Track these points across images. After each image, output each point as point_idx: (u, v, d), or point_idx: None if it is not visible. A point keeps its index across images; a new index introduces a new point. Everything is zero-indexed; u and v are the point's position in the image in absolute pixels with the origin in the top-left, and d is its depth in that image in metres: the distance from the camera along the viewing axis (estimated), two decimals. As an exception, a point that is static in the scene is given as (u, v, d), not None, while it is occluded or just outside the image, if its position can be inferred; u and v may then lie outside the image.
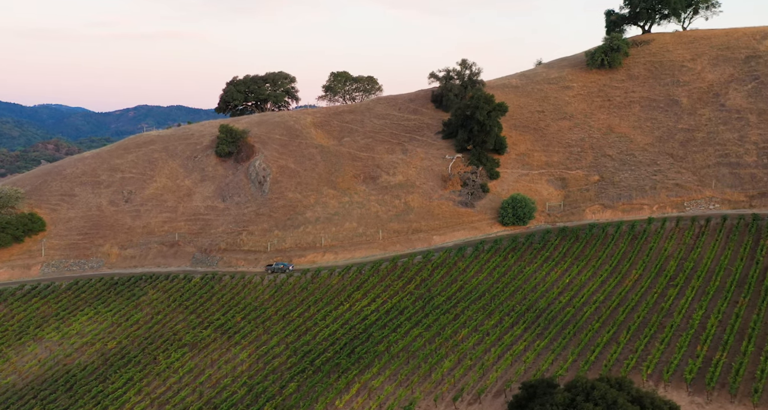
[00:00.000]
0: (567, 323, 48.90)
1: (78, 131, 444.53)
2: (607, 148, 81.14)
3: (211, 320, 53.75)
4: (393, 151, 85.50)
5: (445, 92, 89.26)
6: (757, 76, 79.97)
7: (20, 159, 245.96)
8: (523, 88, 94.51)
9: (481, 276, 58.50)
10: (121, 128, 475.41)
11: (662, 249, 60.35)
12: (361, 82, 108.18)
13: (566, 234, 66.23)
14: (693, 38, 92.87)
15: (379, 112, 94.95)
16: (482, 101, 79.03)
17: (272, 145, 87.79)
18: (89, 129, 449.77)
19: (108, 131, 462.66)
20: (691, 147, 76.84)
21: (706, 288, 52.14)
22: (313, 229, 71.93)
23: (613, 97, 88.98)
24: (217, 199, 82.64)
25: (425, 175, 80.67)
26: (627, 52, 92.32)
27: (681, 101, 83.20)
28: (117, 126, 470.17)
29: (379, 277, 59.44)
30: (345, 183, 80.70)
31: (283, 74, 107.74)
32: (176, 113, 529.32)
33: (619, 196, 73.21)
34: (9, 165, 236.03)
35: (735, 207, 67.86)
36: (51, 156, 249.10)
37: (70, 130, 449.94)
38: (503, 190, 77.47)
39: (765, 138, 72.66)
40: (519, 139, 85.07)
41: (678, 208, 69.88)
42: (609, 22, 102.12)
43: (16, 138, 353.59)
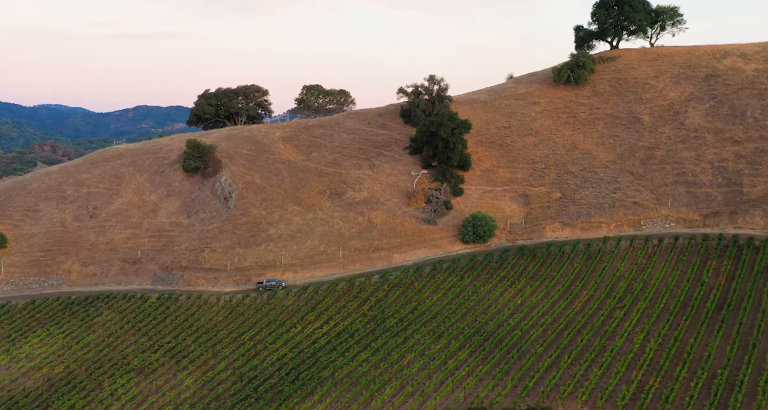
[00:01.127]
0: (512, 347, 49.43)
1: (77, 132, 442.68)
2: (570, 164, 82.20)
3: (161, 343, 53.63)
4: (360, 167, 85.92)
5: (413, 108, 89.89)
6: (716, 95, 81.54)
7: (16, 161, 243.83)
8: (491, 104, 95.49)
9: (436, 297, 58.96)
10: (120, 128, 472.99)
11: (615, 269, 61.25)
12: (333, 96, 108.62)
13: (524, 252, 66.96)
14: (657, 55, 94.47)
15: (348, 126, 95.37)
16: (446, 118, 79.76)
17: (239, 160, 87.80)
18: (89, 129, 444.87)
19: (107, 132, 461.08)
20: (651, 165, 78.08)
21: (651, 310, 53.01)
22: (274, 247, 72.01)
23: (579, 113, 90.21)
24: (182, 215, 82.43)
25: (390, 191, 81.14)
26: (593, 68, 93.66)
27: (643, 119, 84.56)
28: (116, 126, 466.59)
29: (335, 298, 59.67)
30: (310, 199, 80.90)
31: (255, 87, 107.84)
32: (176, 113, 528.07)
33: (579, 213, 74.17)
34: (5, 167, 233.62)
35: (689, 226, 69.04)
36: (47, 158, 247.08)
37: (69, 131, 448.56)
38: (467, 206, 78.11)
39: (720, 157, 74.06)
40: (485, 155, 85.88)
41: (635, 227, 70.95)
42: (577, 38, 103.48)
43: (14, 139, 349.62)
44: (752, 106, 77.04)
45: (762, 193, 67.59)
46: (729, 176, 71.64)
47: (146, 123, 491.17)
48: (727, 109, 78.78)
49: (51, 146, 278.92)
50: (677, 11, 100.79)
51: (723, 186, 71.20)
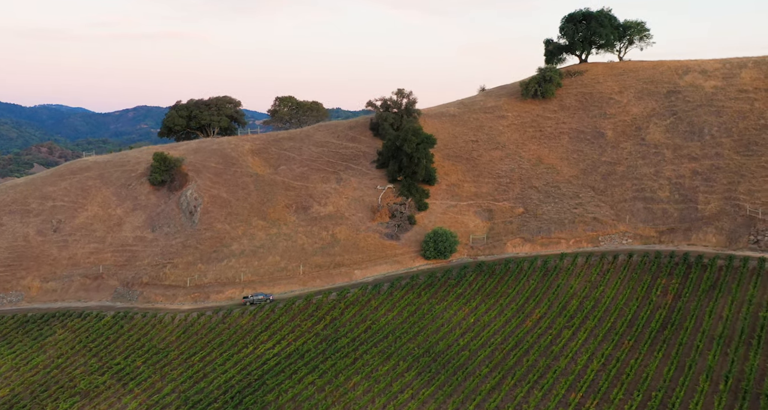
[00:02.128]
0: (458, 368, 49.82)
1: (77, 132, 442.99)
2: (534, 179, 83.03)
3: (111, 364, 53.36)
4: (328, 180, 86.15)
5: (381, 121, 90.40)
6: (676, 111, 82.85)
7: (13, 162, 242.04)
8: (460, 117, 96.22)
9: (391, 316, 59.25)
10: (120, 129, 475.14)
11: (569, 286, 61.94)
12: (305, 107, 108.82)
13: (483, 269, 67.49)
14: (623, 70, 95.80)
15: (318, 139, 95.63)
16: (410, 133, 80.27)
17: (206, 173, 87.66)
18: (88, 130, 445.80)
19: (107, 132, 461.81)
20: (612, 180, 79.09)
21: (598, 330, 53.68)
22: (236, 263, 71.95)
23: (545, 127, 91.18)
24: (147, 230, 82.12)
25: (356, 205, 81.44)
26: (560, 82, 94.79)
27: (606, 134, 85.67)
28: (116, 127, 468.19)
29: (290, 316, 59.76)
30: (276, 213, 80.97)
31: (228, 99, 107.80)
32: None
33: (539, 229, 74.91)
34: (1, 168, 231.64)
35: (646, 242, 70.02)
36: (44, 159, 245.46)
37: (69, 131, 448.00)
38: (430, 221, 78.60)
39: (678, 173, 75.22)
40: (451, 169, 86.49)
41: (593, 243, 71.80)
42: (547, 51, 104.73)
43: (13, 139, 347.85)
44: (710, 123, 78.39)
45: (715, 210, 68.75)
46: (685, 193, 72.78)
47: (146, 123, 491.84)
48: (686, 126, 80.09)
49: (48, 147, 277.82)
50: (644, 26, 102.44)
51: (679, 202, 72.32)
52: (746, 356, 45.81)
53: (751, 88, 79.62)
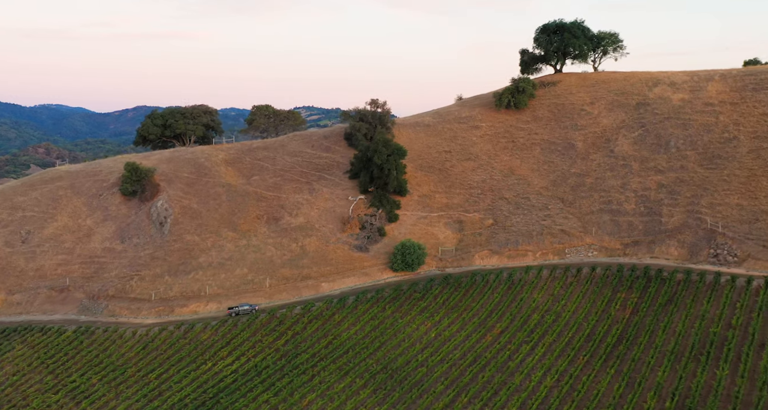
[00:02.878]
0: (414, 385, 49.95)
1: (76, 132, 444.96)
2: (505, 190, 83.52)
3: (66, 382, 52.92)
4: (300, 191, 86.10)
5: (354, 131, 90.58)
6: (644, 123, 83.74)
7: (9, 163, 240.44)
8: (434, 127, 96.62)
9: (353, 330, 59.29)
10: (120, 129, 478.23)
11: (532, 300, 62.33)
12: (282, 116, 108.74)
13: (449, 281, 67.73)
14: (595, 81, 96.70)
15: (292, 148, 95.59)
16: (381, 145, 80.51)
17: (178, 183, 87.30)
18: (88, 130, 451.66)
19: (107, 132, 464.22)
20: (580, 192, 79.74)
21: (556, 345, 54.06)
22: (203, 276, 71.66)
23: (518, 138, 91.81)
24: (116, 241, 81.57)
25: (326, 216, 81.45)
26: (533, 93, 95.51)
27: (577, 145, 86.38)
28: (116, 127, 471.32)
29: (252, 331, 59.63)
30: (246, 224, 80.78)
31: (204, 108, 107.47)
32: None
33: (508, 241, 75.35)
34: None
35: (611, 254, 70.62)
36: (41, 160, 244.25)
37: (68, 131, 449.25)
38: (400, 233, 78.78)
39: (644, 186, 75.99)
40: (423, 180, 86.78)
41: (559, 255, 72.31)
42: (522, 62, 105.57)
43: (12, 139, 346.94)
44: (676, 136, 79.30)
45: (678, 223, 69.51)
46: (650, 205, 73.54)
47: None
48: (654, 138, 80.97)
49: (45, 148, 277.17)
50: (617, 37, 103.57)
51: (644, 215, 73.06)
52: (694, 372, 46.33)
53: (716, 102, 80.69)
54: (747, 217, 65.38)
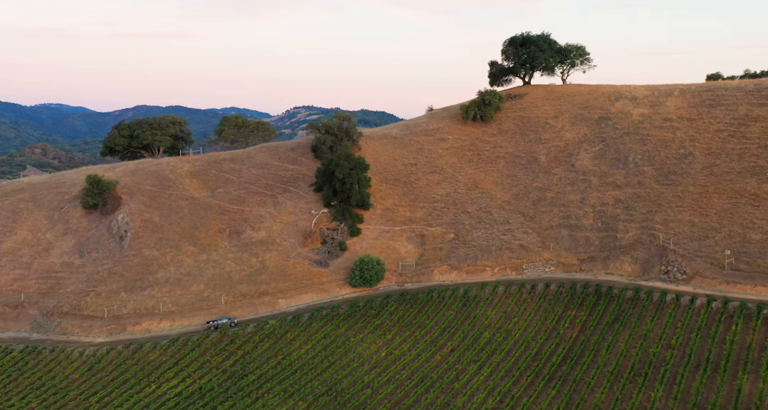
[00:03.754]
0: (357, 407, 49.80)
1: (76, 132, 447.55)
2: (468, 204, 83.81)
3: (5, 407, 52.08)
4: (264, 204, 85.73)
5: (319, 144, 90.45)
6: (605, 138, 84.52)
7: (5, 164, 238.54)
8: (401, 139, 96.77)
9: (304, 349, 59.03)
10: None
11: (485, 317, 62.49)
12: (251, 127, 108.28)
13: (406, 298, 67.72)
14: (561, 94, 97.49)
15: (259, 160, 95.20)
16: (342, 159, 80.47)
17: (141, 196, 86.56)
18: (88, 129, 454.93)
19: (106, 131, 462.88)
20: (541, 206, 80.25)
21: (503, 364, 54.23)
22: (158, 292, 71.02)
23: (483, 151, 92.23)
24: (75, 255, 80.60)
25: (289, 230, 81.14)
26: (499, 106, 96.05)
27: (540, 159, 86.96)
28: None
29: (202, 351, 59.15)
30: (207, 238, 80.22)
31: (171, 118, 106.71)
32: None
33: (467, 256, 75.55)
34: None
35: (567, 270, 71.10)
36: (38, 161, 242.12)
37: (68, 131, 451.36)
38: (362, 247, 78.68)
39: (602, 201, 76.65)
40: (388, 193, 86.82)
41: (517, 270, 72.65)
42: (491, 74, 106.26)
43: (11, 139, 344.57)
44: (634, 151, 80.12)
45: (632, 239, 70.18)
46: (607, 221, 74.19)
47: None
48: (613, 153, 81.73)
49: (42, 149, 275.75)
50: (584, 50, 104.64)
51: (601, 230, 73.67)
52: (631, 394, 46.72)
53: (674, 117, 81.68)
54: (697, 234, 66.15)
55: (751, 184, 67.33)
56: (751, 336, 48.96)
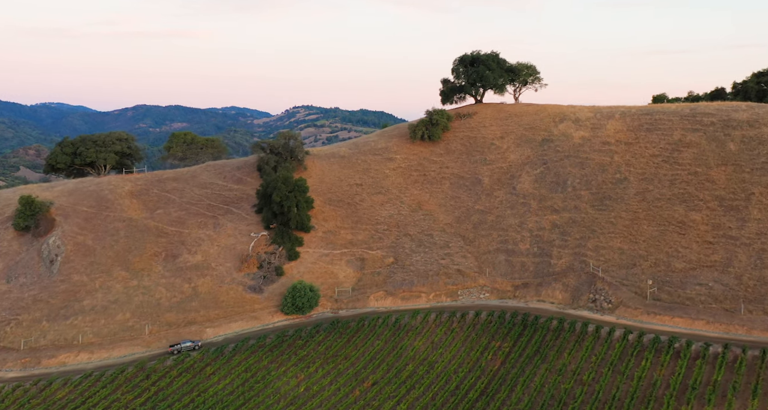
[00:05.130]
0: (263, 449, 48.34)
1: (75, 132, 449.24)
2: (411, 226, 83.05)
3: None
4: (205, 226, 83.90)
5: (262, 164, 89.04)
6: (546, 161, 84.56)
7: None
8: (349, 159, 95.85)
9: (222, 385, 57.37)
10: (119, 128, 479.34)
11: (412, 348, 61.55)
12: (200, 144, 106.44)
13: (337, 327, 66.48)
14: (509, 114, 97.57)
15: (203, 180, 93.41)
16: (280, 182, 79.16)
17: (76, 218, 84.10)
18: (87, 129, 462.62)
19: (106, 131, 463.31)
20: (481, 230, 79.82)
21: (419, 401, 53.28)
22: (81, 321, 68.70)
23: (429, 171, 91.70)
24: (2, 280, 77.71)
25: (226, 254, 79.42)
26: (447, 126, 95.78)
27: (483, 181, 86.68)
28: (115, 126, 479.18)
29: (114, 387, 57.11)
30: (141, 263, 78.10)
31: (117, 135, 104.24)
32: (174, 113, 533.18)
33: (403, 281, 74.67)
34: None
35: (501, 296, 70.61)
36: (31, 162, 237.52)
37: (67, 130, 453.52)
38: (299, 272, 77.31)
39: (539, 225, 76.48)
40: (331, 215, 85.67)
41: (452, 297, 71.96)
42: (442, 92, 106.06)
43: (9, 139, 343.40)
44: (573, 175, 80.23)
45: (565, 265, 70.01)
46: (543, 246, 73.96)
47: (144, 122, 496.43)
48: (553, 176, 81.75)
49: (36, 150, 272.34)
50: (534, 69, 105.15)
51: (537, 256, 73.39)
52: (537, 436, 46.13)
53: (613, 141, 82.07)
54: (625, 262, 66.16)
55: (679, 211, 67.64)
56: (659, 372, 48.75)
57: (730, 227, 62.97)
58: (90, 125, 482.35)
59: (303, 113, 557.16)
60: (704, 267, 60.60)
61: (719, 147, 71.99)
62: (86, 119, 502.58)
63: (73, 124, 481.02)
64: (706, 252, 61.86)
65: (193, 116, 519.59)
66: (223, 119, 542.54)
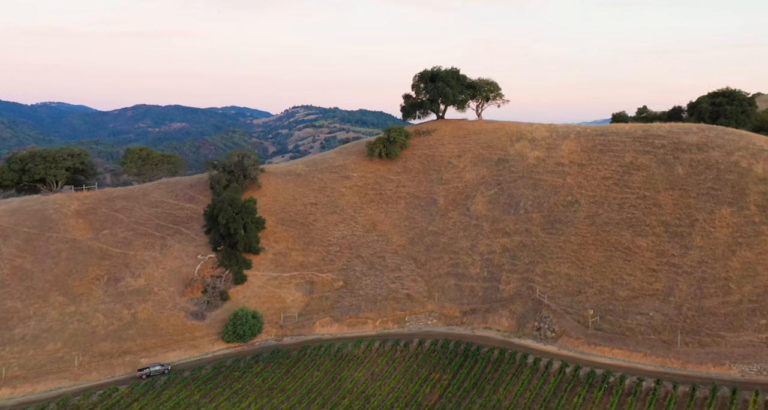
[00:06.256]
0: None
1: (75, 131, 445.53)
2: (363, 248, 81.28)
3: None
4: (152, 247, 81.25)
5: (213, 183, 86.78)
6: (501, 181, 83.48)
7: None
8: (305, 177, 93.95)
9: (148, 421, 54.84)
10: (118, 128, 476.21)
11: (351, 380, 59.62)
12: (156, 159, 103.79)
13: (278, 356, 64.31)
14: (468, 132, 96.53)
15: (154, 198, 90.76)
16: (226, 203, 76.96)
17: (15, 239, 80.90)
18: (87, 128, 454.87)
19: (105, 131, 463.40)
20: (433, 252, 78.33)
21: (349, 439, 51.31)
22: (8, 352, 65.57)
23: (385, 190, 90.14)
24: (-68, 307, 74.31)
25: (170, 277, 76.87)
26: (405, 143, 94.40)
27: (439, 201, 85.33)
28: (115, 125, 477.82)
29: (33, 426, 54.26)
30: (81, 287, 75.18)
31: (69, 150, 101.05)
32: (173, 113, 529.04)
33: (351, 307, 72.83)
34: None
35: (449, 323, 69.04)
36: None
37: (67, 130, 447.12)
38: (245, 296, 75.05)
39: (490, 249, 75.19)
40: (283, 236, 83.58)
41: (399, 323, 70.24)
42: (403, 108, 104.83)
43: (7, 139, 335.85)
44: (526, 197, 79.21)
45: (513, 291, 68.72)
46: (493, 270, 72.65)
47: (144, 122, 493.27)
48: (506, 198, 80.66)
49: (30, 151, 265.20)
50: (496, 85, 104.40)
51: (486, 280, 72.04)
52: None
53: (567, 162, 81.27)
54: (571, 289, 65.05)
55: (626, 236, 66.82)
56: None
57: (673, 254, 62.19)
58: (89, 125, 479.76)
59: (302, 113, 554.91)
60: (646, 295, 59.65)
61: (668, 170, 71.46)
62: (86, 119, 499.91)
63: (72, 123, 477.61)
64: (649, 279, 60.96)
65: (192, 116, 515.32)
66: (223, 119, 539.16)
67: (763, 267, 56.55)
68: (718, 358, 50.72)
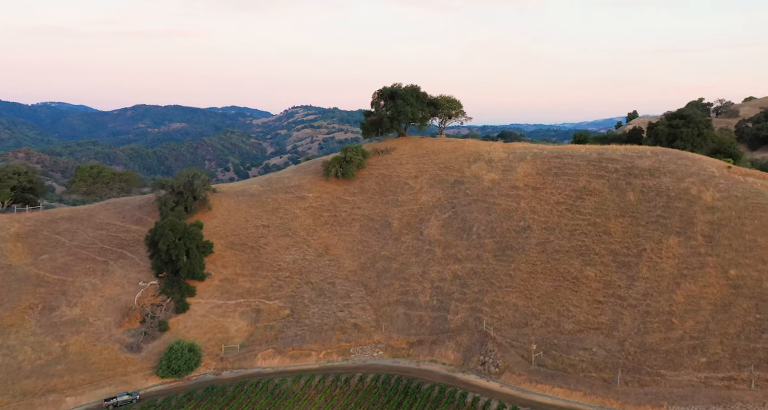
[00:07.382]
0: None
1: (75, 131, 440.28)
2: (314, 273, 78.61)
3: None
4: (92, 273, 77.63)
5: (161, 205, 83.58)
6: (455, 204, 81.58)
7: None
8: (259, 197, 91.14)
9: (63, 470, 51.32)
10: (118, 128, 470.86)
11: (285, 420, 56.74)
12: (107, 178, 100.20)
13: (211, 393, 61.17)
14: (426, 151, 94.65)
15: (100, 219, 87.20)
16: (167, 228, 73.83)
17: (-55, 266, 76.80)
18: (86, 129, 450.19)
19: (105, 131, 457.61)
20: (384, 279, 75.96)
21: None
22: (-77, 392, 61.57)
23: (341, 212, 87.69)
24: None
25: (108, 306, 73.34)
26: (362, 163, 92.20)
27: (393, 224, 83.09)
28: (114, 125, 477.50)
29: (-65, 478, 50.52)
30: (12, 317, 71.27)
31: (15, 168, 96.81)
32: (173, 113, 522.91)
33: (295, 337, 69.98)
34: None
35: (395, 354, 66.56)
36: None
37: (66, 130, 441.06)
38: (186, 327, 71.78)
39: (441, 275, 73.04)
40: (231, 261, 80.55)
41: (344, 355, 67.56)
42: (362, 125, 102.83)
43: (5, 140, 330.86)
44: (479, 221, 77.31)
45: (460, 321, 66.56)
46: (442, 298, 70.45)
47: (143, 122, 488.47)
48: (460, 222, 78.71)
49: (25, 153, 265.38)
50: (458, 103, 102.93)
51: (435, 310, 69.79)
52: None
53: (522, 185, 79.64)
54: (518, 320, 63.06)
55: (575, 265, 65.11)
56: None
57: (619, 285, 60.56)
58: (89, 125, 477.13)
59: (302, 113, 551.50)
60: (591, 329, 57.83)
61: (620, 196, 70.11)
62: (85, 119, 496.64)
63: (72, 123, 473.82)
64: (594, 312, 59.21)
65: (192, 116, 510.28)
66: (223, 119, 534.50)
67: (705, 301, 55.12)
68: (656, 399, 48.93)
